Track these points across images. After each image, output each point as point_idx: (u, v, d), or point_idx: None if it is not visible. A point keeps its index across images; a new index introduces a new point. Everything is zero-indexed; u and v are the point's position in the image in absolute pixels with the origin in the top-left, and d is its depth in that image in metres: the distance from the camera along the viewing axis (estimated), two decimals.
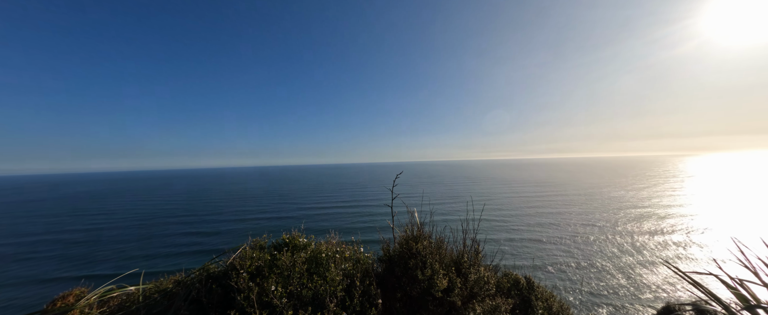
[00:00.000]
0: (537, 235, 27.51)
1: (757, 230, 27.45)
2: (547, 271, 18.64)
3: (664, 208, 39.02)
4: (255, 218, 38.79)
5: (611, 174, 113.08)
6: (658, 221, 31.92)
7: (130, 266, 20.55)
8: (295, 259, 2.36)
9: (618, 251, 22.21)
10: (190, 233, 31.32)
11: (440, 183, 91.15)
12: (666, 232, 27.36)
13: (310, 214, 40.24)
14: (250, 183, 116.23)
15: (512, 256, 21.78)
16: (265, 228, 31.71)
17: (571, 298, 14.86)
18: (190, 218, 40.32)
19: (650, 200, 46.43)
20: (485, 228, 30.52)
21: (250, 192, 77.33)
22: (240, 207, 49.59)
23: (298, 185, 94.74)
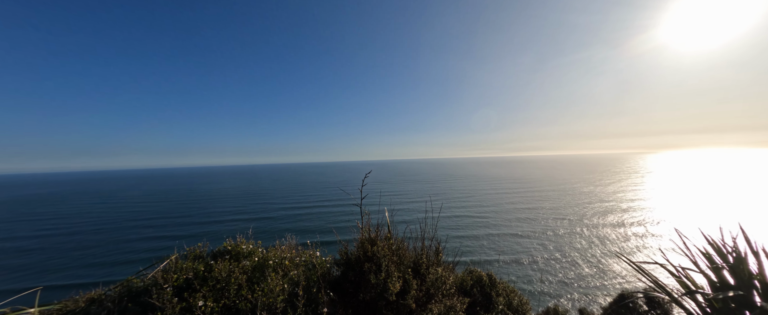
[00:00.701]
0: (514, 229, 28.65)
1: (699, 221, 30.36)
2: (521, 263, 19.44)
3: (627, 202, 42.16)
4: (229, 220, 37.01)
5: (581, 171, 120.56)
6: (621, 214, 34.42)
7: (60, 279, 18.36)
8: (232, 269, 2.14)
9: (585, 244, 23.66)
10: (152, 238, 29.09)
11: (424, 181, 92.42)
12: (627, 225, 29.55)
13: (288, 214, 39.16)
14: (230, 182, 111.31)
15: (490, 249, 22.51)
16: (237, 230, 30.08)
17: (541, 288, 15.60)
18: (157, 221, 37.80)
19: (615, 195, 49.99)
20: (465, 224, 31.33)
21: (227, 192, 73.99)
22: (214, 208, 47.27)
23: (280, 184, 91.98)
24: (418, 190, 66.53)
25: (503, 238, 25.47)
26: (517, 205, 42.14)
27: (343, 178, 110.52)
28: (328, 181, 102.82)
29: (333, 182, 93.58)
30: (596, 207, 39.26)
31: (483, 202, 46.24)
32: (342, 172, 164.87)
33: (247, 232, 3.29)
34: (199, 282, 2.10)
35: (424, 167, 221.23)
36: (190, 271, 2.12)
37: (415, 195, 57.15)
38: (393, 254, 2.35)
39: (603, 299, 13.30)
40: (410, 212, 39.29)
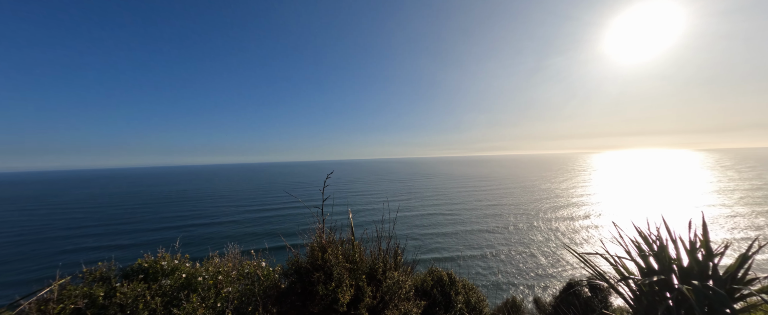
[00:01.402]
0: (481, 225, 30.20)
1: (633, 213, 34.74)
2: (485, 257, 20.54)
3: (577, 197, 46.82)
4: (182, 226, 33.70)
5: (540, 169, 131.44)
6: (572, 209, 38.10)
7: None
8: (143, 291, 1.82)
9: (542, 237, 25.75)
10: (85, 249, 25.22)
11: (397, 180, 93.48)
12: (576, 218, 32.81)
13: (249, 218, 36.87)
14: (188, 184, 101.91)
15: (460, 245, 23.44)
16: (190, 237, 27.78)
17: (503, 279, 16.62)
18: (97, 228, 33.24)
19: (567, 191, 55.26)
20: (437, 222, 32.27)
21: (184, 194, 67.68)
22: (169, 212, 42.93)
23: (244, 185, 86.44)
24: (391, 189, 67.14)
25: (471, 234, 26.71)
26: (484, 202, 44.52)
27: (313, 179, 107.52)
28: (297, 181, 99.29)
29: (302, 183, 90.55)
30: (552, 202, 43.01)
31: (454, 199, 48.12)
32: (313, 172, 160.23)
33: (174, 244, 2.84)
34: (95, 312, 1.71)
35: (397, 166, 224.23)
36: (80, 299, 1.73)
37: (387, 194, 57.56)
38: (346, 261, 2.23)
39: (554, 288, 14.58)
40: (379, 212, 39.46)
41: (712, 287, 2.26)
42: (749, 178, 65.20)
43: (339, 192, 63.13)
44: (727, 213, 33.07)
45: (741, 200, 39.98)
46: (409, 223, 32.22)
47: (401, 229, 29.10)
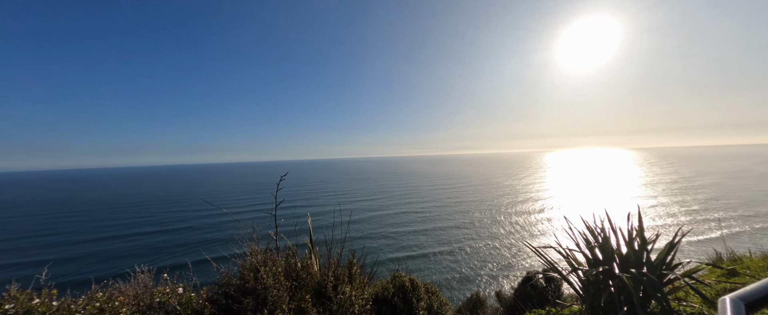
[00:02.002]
0: (451, 221, 31.37)
1: (584, 206, 38.79)
2: (453, 254, 21.37)
3: (536, 193, 51.03)
4: (125, 235, 29.80)
5: (502, 167, 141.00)
6: (532, 203, 41.43)
7: None
8: None
9: (504, 231, 27.56)
10: None
11: (370, 179, 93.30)
12: (535, 212, 35.73)
13: (205, 224, 33.83)
14: (137, 186, 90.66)
15: (428, 241, 24.06)
16: (134, 248, 24.72)
17: (468, 275, 17.42)
18: (15, 242, 28.03)
19: (528, 187, 59.99)
20: (407, 220, 32.79)
21: (138, 198, 60.09)
22: (111, 219, 37.76)
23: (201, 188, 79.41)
24: (363, 188, 66.82)
25: (442, 231, 27.60)
26: (453, 199, 46.40)
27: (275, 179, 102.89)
28: (263, 182, 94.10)
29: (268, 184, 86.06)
30: (513, 198, 46.32)
31: (425, 197, 49.39)
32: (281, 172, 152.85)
33: (40, 275, 2.12)
34: None
35: (369, 166, 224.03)
36: None
37: (360, 194, 57.16)
38: (289, 278, 1.99)
39: (515, 280, 15.67)
40: (348, 214, 39.02)
41: (646, 274, 2.48)
42: (669, 173, 76.85)
43: (308, 193, 61.12)
44: (654, 203, 38.55)
45: (664, 192, 46.92)
46: (382, 221, 32.30)
47: (373, 229, 29.06)
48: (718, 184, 52.59)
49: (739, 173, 70.74)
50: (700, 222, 28.67)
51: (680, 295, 2.81)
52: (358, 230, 28.40)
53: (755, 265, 3.26)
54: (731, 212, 31.73)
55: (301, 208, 41.62)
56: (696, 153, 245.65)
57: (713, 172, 75.83)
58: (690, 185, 52.85)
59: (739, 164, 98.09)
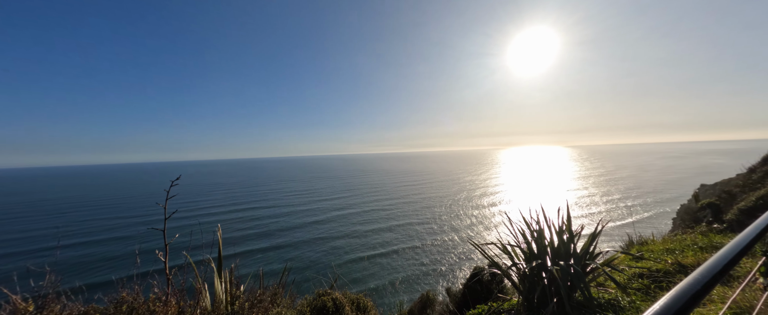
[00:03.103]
0: (416, 218, 32.19)
1: (527, 201, 42.93)
2: (415, 250, 22.01)
3: (492, 187, 55.15)
4: (37, 250, 24.79)
5: (463, 163, 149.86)
6: (489, 197, 44.67)
7: None
8: None
9: (464, 224, 29.23)
10: None
11: (335, 177, 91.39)
12: (491, 205, 38.62)
13: (144, 232, 30.08)
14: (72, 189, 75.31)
15: (395, 240, 24.36)
16: (51, 265, 20.76)
17: (423, 271, 18.06)
18: None
19: (485, 182, 64.59)
20: (373, 218, 32.81)
21: (57, 202, 49.80)
22: (26, 228, 30.81)
23: (135, 190, 69.43)
24: (329, 187, 65.17)
25: (406, 227, 28.16)
26: (419, 195, 47.78)
27: (237, 179, 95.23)
28: (212, 183, 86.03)
29: (214, 185, 79.04)
30: (473, 193, 49.44)
31: (392, 194, 49.99)
32: (235, 170, 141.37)
33: None
34: None
35: (335, 163, 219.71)
36: None
37: (324, 193, 55.59)
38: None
39: (465, 275, 16.71)
40: (314, 214, 37.84)
41: (572, 265, 2.66)
42: (597, 167, 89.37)
43: (265, 194, 57.54)
44: (587, 193, 44.43)
45: (594, 184, 54.37)
46: (348, 220, 31.82)
47: (340, 228, 28.45)
48: (633, 176, 62.77)
49: (647, 167, 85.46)
50: (621, 209, 33.85)
51: (600, 281, 3.09)
52: (321, 231, 27.57)
53: (656, 248, 3.73)
54: (642, 200, 38.05)
55: (253, 211, 38.95)
56: (617, 150, 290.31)
57: (629, 166, 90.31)
58: (613, 177, 62.17)
59: (647, 159, 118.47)
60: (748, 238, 1.07)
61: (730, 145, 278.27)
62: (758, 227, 1.27)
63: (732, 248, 0.91)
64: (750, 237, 1.10)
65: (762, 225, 1.30)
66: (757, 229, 1.22)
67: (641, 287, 2.55)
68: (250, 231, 28.28)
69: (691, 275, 0.78)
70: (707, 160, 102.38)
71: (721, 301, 1.93)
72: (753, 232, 1.18)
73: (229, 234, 27.36)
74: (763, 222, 1.34)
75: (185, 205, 44.62)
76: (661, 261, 2.97)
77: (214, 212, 38.95)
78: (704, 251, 3.09)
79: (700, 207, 4.36)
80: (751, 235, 1.12)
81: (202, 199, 51.19)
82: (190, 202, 48.52)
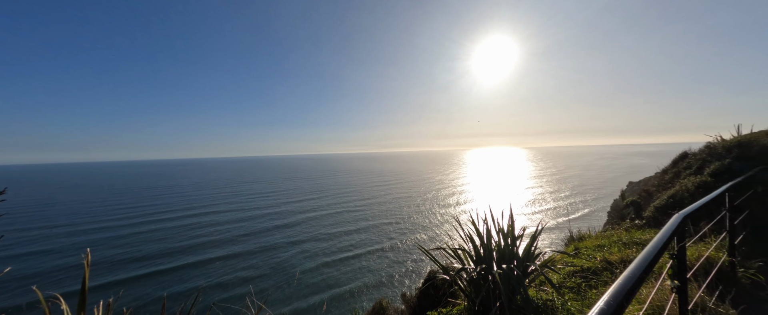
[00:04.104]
0: (386, 218, 32.29)
1: (484, 203, 45.68)
2: (383, 251, 22.08)
3: (460, 187, 57.70)
4: None
5: (433, 163, 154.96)
6: (457, 196, 46.64)
7: None
8: None
9: (429, 222, 30.08)
10: None
11: (306, 178, 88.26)
12: (459, 205, 40.35)
13: (87, 241, 26.13)
14: None
15: (365, 241, 24.14)
16: None
17: (383, 276, 18.21)
18: None
19: (453, 181, 67.38)
20: (343, 220, 32.22)
21: None
22: None
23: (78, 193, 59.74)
24: (299, 188, 62.66)
25: (376, 229, 28.11)
26: (390, 196, 48.10)
27: (192, 181, 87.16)
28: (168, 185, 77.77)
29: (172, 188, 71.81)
30: (441, 192, 51.24)
31: (364, 195, 49.65)
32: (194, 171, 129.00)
33: None
34: None
35: (304, 163, 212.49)
36: None
37: (293, 194, 53.33)
38: None
39: (421, 280, 17.10)
40: (278, 217, 36.18)
41: (514, 268, 2.75)
42: (548, 167, 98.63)
43: (230, 196, 53.56)
44: (542, 191, 48.67)
45: (548, 182, 59.79)
46: (318, 223, 30.83)
47: (307, 232, 27.40)
48: (579, 175, 70.36)
49: (590, 166, 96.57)
50: (570, 205, 37.64)
51: (539, 281, 3.25)
52: (285, 236, 26.33)
53: (590, 244, 4.03)
54: (586, 196, 42.77)
55: (208, 217, 35.99)
56: (564, 151, 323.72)
57: (575, 166, 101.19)
58: (563, 176, 69.06)
59: (589, 160, 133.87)
60: (661, 242, 1.14)
61: (651, 148, 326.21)
62: (667, 232, 1.34)
63: (650, 250, 0.97)
64: (662, 241, 1.15)
65: (671, 229, 1.38)
66: (667, 234, 1.29)
67: (574, 286, 2.69)
68: (205, 239, 25.93)
69: (622, 277, 0.80)
70: (635, 160, 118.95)
71: (636, 301, 2.09)
72: (664, 236, 1.24)
73: (170, 244, 24.76)
74: (671, 227, 1.43)
75: (116, 213, 39.45)
76: (592, 259, 3.18)
77: (158, 220, 35.03)
78: (627, 247, 3.39)
79: (626, 205, 4.93)
80: (663, 239, 1.18)
81: (144, 205, 45.78)
82: (129, 208, 43.05)
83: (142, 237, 27.08)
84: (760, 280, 2.35)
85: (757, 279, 2.36)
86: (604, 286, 2.52)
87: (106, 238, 26.79)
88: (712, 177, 3.94)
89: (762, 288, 2.29)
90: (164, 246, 24.14)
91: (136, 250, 23.37)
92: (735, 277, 2.34)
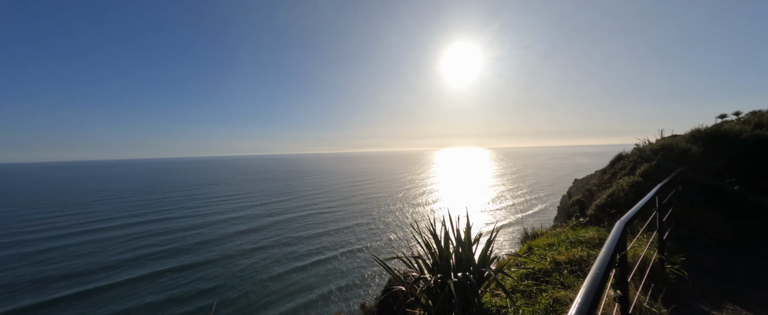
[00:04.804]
0: (355, 220, 31.80)
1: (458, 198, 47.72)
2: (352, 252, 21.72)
3: (430, 186, 59.29)
4: None
5: (404, 163, 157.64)
6: (427, 196, 47.77)
7: None
8: None
9: (401, 222, 30.35)
10: None
11: (273, 179, 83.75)
12: (429, 203, 41.37)
13: None
14: None
15: (332, 245, 23.44)
16: None
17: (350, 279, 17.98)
18: None
19: (424, 180, 69.08)
20: (317, 222, 31.02)
21: None
22: None
23: None
24: (265, 190, 59.10)
25: (347, 230, 27.51)
26: (360, 196, 47.59)
27: (140, 184, 77.62)
28: (109, 189, 68.13)
29: (114, 192, 63.27)
30: (411, 191, 52.14)
31: (334, 196, 48.43)
32: (141, 175, 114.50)
33: None
34: None
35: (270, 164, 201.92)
36: None
37: (258, 197, 50.10)
38: None
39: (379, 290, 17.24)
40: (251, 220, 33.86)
41: (467, 276, 2.67)
42: (509, 166, 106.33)
43: (186, 199, 48.61)
44: (504, 189, 52.06)
45: (509, 180, 64.21)
46: (286, 226, 29.26)
47: (276, 236, 25.83)
48: (535, 174, 76.81)
49: (543, 165, 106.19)
50: (526, 202, 40.76)
51: (494, 287, 3.25)
52: (252, 241, 24.58)
53: (542, 243, 4.16)
54: (540, 194, 46.73)
55: (162, 223, 32.41)
56: (521, 151, 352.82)
57: (532, 165, 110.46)
58: (522, 175, 74.81)
59: (542, 159, 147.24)
60: (607, 258, 1.11)
61: (593, 149, 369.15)
62: (612, 245, 1.28)
63: (598, 271, 0.99)
64: (609, 256, 1.13)
65: (614, 241, 1.32)
66: (612, 247, 1.22)
67: (526, 289, 2.68)
68: (153, 249, 23.08)
69: (577, 303, 0.81)
70: (580, 160, 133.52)
71: None
72: (609, 250, 1.17)
73: (110, 257, 21.68)
74: (614, 238, 1.38)
75: (37, 223, 33.59)
76: (543, 259, 3.24)
77: (93, 229, 30.47)
78: (573, 246, 3.53)
79: (572, 203, 5.34)
80: (609, 253, 1.15)
81: (73, 214, 39.55)
82: (54, 216, 36.82)
83: (73, 251, 23.22)
84: (683, 275, 2.58)
85: (681, 274, 2.59)
86: (554, 289, 2.54)
87: (25, 254, 22.44)
88: (643, 177, 4.40)
89: (685, 282, 2.51)
90: (102, 259, 20.97)
91: (66, 266, 19.96)
92: (664, 274, 2.53)
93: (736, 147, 4.94)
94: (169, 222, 32.33)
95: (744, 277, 2.73)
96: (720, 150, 5.00)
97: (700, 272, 2.77)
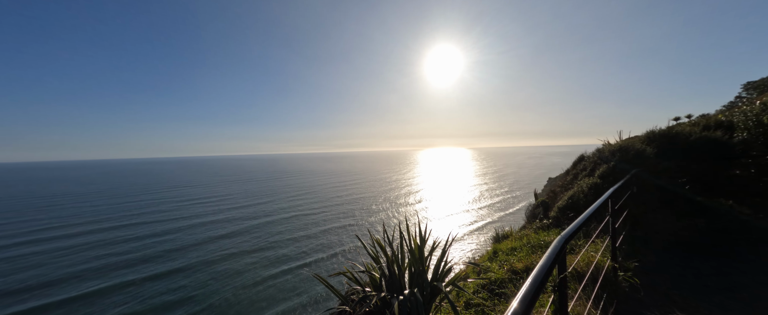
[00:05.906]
0: (340, 222, 31.19)
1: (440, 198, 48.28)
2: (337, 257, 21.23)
3: (415, 186, 59.60)
4: None
5: (389, 163, 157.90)
6: (412, 196, 47.92)
7: None
8: None
9: (387, 224, 30.15)
10: None
11: (253, 179, 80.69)
12: (417, 203, 41.50)
13: None
14: None
15: (314, 249, 22.78)
16: None
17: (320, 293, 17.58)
18: None
19: (409, 180, 69.41)
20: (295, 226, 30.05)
21: None
22: None
23: None
24: (244, 191, 56.71)
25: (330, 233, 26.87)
26: (344, 197, 46.88)
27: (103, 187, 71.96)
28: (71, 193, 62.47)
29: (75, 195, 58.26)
30: (398, 191, 52.15)
31: (319, 197, 47.36)
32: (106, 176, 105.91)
33: None
34: None
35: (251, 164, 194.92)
36: None
37: (237, 199, 47.96)
38: None
39: None
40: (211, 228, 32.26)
41: (414, 293, 2.45)
42: (490, 166, 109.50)
43: (157, 203, 45.60)
44: (485, 188, 53.31)
45: (491, 180, 65.94)
46: (267, 230, 28.10)
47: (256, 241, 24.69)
48: (515, 173, 79.51)
49: (522, 165, 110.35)
50: (507, 200, 41.95)
51: (453, 297, 3.06)
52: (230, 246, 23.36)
53: (506, 247, 4.02)
54: (517, 193, 48.33)
55: (128, 229, 30.18)
56: (501, 151, 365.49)
57: (511, 164, 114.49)
58: (502, 174, 77.18)
59: (521, 159, 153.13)
60: (540, 276, 1.04)
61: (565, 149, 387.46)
62: (548, 261, 1.14)
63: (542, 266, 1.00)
64: (543, 273, 1.06)
65: (551, 259, 1.15)
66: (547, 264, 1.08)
67: (480, 303, 2.49)
68: (117, 258, 21.31)
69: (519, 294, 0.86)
70: (555, 159, 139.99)
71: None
72: (544, 267, 1.10)
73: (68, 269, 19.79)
74: (551, 255, 1.20)
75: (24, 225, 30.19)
76: (502, 266, 3.08)
77: (49, 237, 27.77)
78: (534, 251, 3.40)
79: (537, 205, 5.36)
80: (543, 271, 1.07)
81: (27, 220, 35.94)
82: (2, 223, 33.20)
83: (19, 263, 20.89)
84: (636, 284, 2.52)
85: (634, 282, 2.53)
86: (506, 302, 2.36)
87: None
88: (601, 178, 4.46)
89: (637, 290, 2.46)
90: (50, 272, 18.99)
91: (13, 279, 17.89)
92: (617, 282, 2.46)
93: (687, 148, 5.15)
94: (136, 228, 30.10)
95: (695, 282, 2.73)
96: (673, 151, 5.19)
97: (653, 278, 2.74)
